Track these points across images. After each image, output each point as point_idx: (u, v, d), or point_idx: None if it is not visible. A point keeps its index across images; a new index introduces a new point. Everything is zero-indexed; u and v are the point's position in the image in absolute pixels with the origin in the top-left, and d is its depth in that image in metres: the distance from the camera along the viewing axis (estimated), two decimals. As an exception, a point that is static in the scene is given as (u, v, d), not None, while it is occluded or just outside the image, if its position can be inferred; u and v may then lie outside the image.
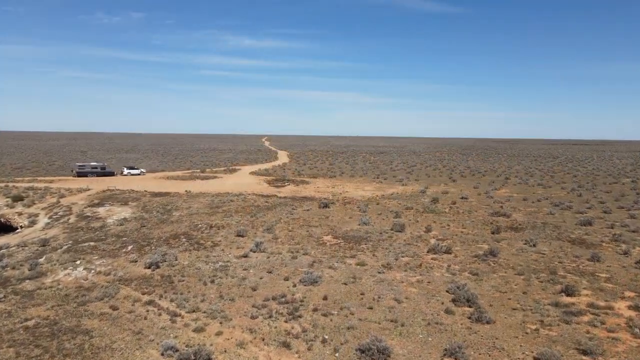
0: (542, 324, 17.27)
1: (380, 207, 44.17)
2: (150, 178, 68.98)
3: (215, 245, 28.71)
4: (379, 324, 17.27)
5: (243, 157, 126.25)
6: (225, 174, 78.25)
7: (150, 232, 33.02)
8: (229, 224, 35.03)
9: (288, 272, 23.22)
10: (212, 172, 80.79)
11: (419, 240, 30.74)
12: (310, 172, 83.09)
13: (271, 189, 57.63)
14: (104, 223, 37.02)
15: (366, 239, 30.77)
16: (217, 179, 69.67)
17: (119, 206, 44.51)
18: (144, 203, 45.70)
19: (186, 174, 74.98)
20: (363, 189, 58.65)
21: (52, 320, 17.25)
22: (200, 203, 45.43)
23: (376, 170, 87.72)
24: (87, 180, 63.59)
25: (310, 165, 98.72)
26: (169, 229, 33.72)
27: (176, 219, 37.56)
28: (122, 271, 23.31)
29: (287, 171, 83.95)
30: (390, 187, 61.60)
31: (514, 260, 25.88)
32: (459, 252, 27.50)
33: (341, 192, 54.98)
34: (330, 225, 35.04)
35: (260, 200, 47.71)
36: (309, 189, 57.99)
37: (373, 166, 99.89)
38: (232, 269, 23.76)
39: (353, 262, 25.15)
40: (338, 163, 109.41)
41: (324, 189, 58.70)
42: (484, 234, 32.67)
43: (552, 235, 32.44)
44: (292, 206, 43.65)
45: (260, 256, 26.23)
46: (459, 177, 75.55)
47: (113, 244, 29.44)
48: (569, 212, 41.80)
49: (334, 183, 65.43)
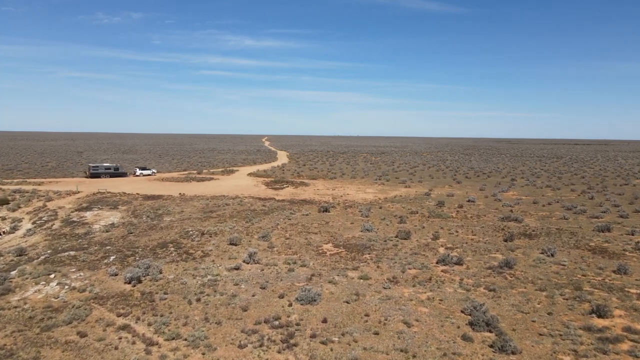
0: (576, 354, 14.93)
1: (383, 211, 41.81)
2: (144, 180, 66.66)
3: (206, 256, 26.38)
4: (386, 354, 14.94)
5: (242, 158, 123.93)
6: (222, 175, 75.93)
7: (137, 239, 30.69)
8: (222, 231, 32.70)
9: (283, 288, 20.89)
10: (209, 173, 78.47)
11: (426, 248, 28.40)
12: (310, 173, 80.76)
13: (269, 192, 55.31)
14: (89, 229, 34.69)
15: (369, 247, 28.43)
16: (213, 180, 67.35)
17: (108, 210, 42.20)
18: (135, 207, 43.38)
19: (182, 176, 72.65)
20: (365, 192, 56.31)
21: (8, 350, 14.93)
22: (193, 207, 43.10)
23: (378, 171, 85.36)
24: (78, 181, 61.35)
25: (309, 166, 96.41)
26: (158, 236, 31.39)
27: (166, 225, 35.24)
28: (99, 287, 20.98)
29: (286, 172, 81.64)
30: (393, 189, 59.26)
31: (532, 273, 23.52)
32: (471, 263, 25.15)
33: (342, 195, 52.64)
34: (330, 232, 32.70)
35: (257, 203, 45.37)
36: (308, 192, 55.66)
37: (374, 167, 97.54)
38: (222, 283, 21.43)
39: (355, 275, 22.82)
40: (338, 164, 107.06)
41: (324, 191, 56.37)
42: (496, 242, 30.31)
43: (569, 243, 30.09)
44: (290, 210, 41.33)
45: (254, 268, 23.90)
46: (464, 179, 73.19)
47: (95, 254, 27.11)
48: (583, 217, 39.43)
49: (335, 185, 63.12)
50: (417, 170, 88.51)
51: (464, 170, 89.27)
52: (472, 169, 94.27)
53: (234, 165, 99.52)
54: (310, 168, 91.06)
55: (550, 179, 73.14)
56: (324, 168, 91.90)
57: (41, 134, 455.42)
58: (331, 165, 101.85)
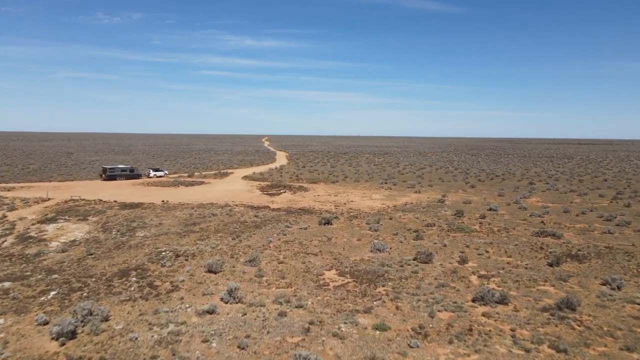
0: None
1: (394, 223, 35.98)
2: (127, 184, 60.85)
3: (174, 290, 20.54)
4: None
5: (238, 159, 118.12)
6: (214, 178, 70.08)
7: (96, 264, 24.86)
8: (202, 252, 26.88)
9: (270, 348, 15.06)
10: (201, 176, 72.63)
11: (455, 277, 22.56)
12: (310, 176, 74.91)
13: (264, 198, 49.46)
14: (43, 248, 28.84)
15: (383, 276, 22.59)
16: (204, 185, 61.52)
17: (75, 222, 36.42)
18: (107, 218, 37.60)
19: (170, 179, 66.77)
20: (371, 198, 50.45)
21: None
22: (174, 218, 37.29)
23: (383, 174, 79.50)
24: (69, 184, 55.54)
25: (309, 168, 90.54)
26: (122, 259, 25.57)
27: (137, 243, 29.41)
28: (13, 346, 15.15)
29: (284, 175, 75.79)
30: (401, 194, 53.40)
31: (603, 317, 17.67)
32: (519, 302, 19.29)
33: (345, 202, 46.78)
34: (333, 253, 26.87)
35: (249, 214, 39.55)
36: (307, 198, 49.81)
37: (379, 169, 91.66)
38: (187, 339, 15.61)
39: (369, 323, 16.99)
40: (340, 165, 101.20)
41: (325, 197, 50.52)
42: (539, 266, 24.47)
43: (629, 267, 24.26)
44: (286, 222, 35.51)
45: (234, 311, 18.07)
46: (477, 182, 67.31)
47: (34, 286, 21.29)
48: (630, 230, 33.57)
49: (337, 190, 57.25)
50: (424, 173, 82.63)
51: (474, 172, 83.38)
52: (483, 170, 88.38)
53: (229, 167, 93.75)
54: (310, 170, 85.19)
55: (571, 182, 67.25)
56: (325, 170, 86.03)
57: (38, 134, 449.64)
58: (332, 167, 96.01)
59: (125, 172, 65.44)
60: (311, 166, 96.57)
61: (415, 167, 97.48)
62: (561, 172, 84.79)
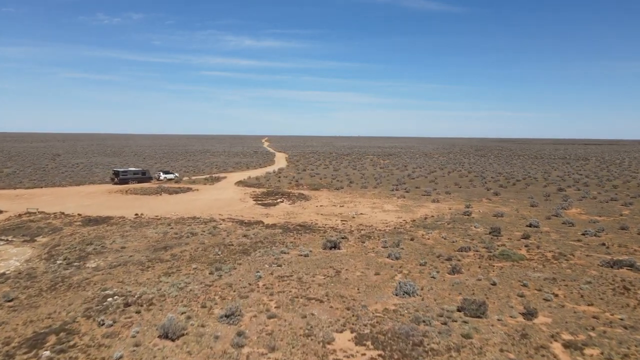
0: None
1: (418, 246, 28.61)
2: (103, 192, 53.49)
3: (101, 378, 13.17)
4: None
5: (234, 162, 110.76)
6: (204, 184, 62.70)
7: (8, 319, 17.48)
8: (164, 297, 19.52)
9: None
10: (189, 181, 65.25)
11: (528, 346, 15.17)
12: (311, 181, 67.54)
13: (257, 210, 42.08)
14: (-45, 288, 21.48)
15: (421, 344, 15.22)
16: (190, 192, 54.16)
17: (18, 245, 29.06)
18: (60, 239, 30.25)
19: (153, 186, 59.39)
20: (383, 209, 43.06)
21: None
22: (143, 239, 29.97)
23: (391, 178, 72.13)
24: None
25: (310, 171, 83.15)
26: (49, 311, 18.19)
27: (82, 280, 22.04)
28: None
29: (282, 180, 68.42)
30: (418, 204, 46.01)
31: None
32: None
33: (354, 215, 39.40)
34: (345, 298, 19.49)
35: (237, 232, 32.22)
36: (308, 210, 42.44)
37: (386, 172, 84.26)
38: None
39: None
40: (343, 168, 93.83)
41: (330, 208, 43.15)
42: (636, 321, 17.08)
43: None
44: (282, 245, 28.19)
45: None
46: (498, 188, 59.91)
47: None
48: None
49: (342, 198, 49.86)
50: (437, 177, 75.20)
51: (491, 176, 75.98)
52: (500, 174, 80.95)
53: (223, 170, 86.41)
54: (312, 174, 77.76)
55: (604, 188, 59.83)
56: (328, 174, 78.62)
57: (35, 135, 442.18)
58: (335, 170, 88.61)
59: (138, 176, 61.55)
60: (312, 169, 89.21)
61: (425, 170, 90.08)
62: (586, 176, 77.32)
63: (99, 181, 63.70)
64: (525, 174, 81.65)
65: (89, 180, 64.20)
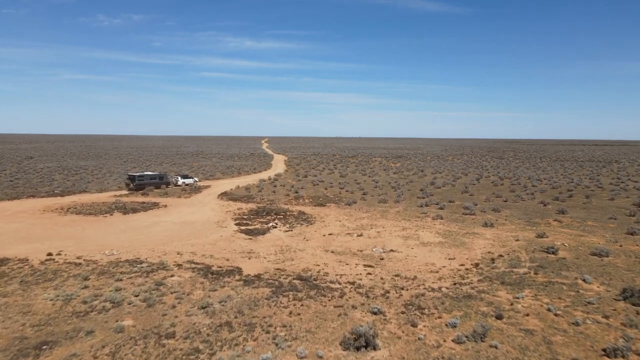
0: None
1: (518, 335, 15.34)
2: (37, 210, 40.17)
3: None
4: None
5: (226, 166, 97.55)
6: (178, 197, 49.48)
7: None
8: None
9: None
10: (161, 192, 52.04)
11: None
12: (315, 191, 54.39)
13: (237, 244, 28.79)
14: None
15: None
16: (155, 209, 40.94)
17: None
18: None
19: (110, 199, 46.02)
20: (420, 239, 29.82)
21: None
22: (20, 318, 16.78)
23: (412, 187, 58.94)
24: None
25: (313, 178, 69.88)
26: None
27: None
28: None
29: (278, 190, 55.22)
30: (465, 229, 32.76)
31: None
32: None
33: (382, 254, 26.13)
34: None
35: (193, 298, 19.00)
36: (313, 242, 29.18)
37: (403, 179, 70.95)
38: None
39: None
40: (351, 173, 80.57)
41: (343, 240, 29.88)
42: None
43: None
44: (265, 336, 14.97)
45: None
46: (556, 202, 46.69)
47: None
48: None
49: (359, 220, 36.61)
50: (466, 185, 61.87)
51: (532, 184, 62.71)
52: (539, 181, 67.66)
53: (210, 175, 73.28)
54: (314, 181, 64.40)
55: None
56: (334, 181, 65.35)
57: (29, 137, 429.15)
58: (342, 176, 75.30)
59: (155, 180, 55.62)
60: (314, 175, 75.94)
61: (447, 175, 76.85)
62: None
63: (49, 192, 50.49)
64: (568, 180, 68.37)
65: (40, 192, 51.00)
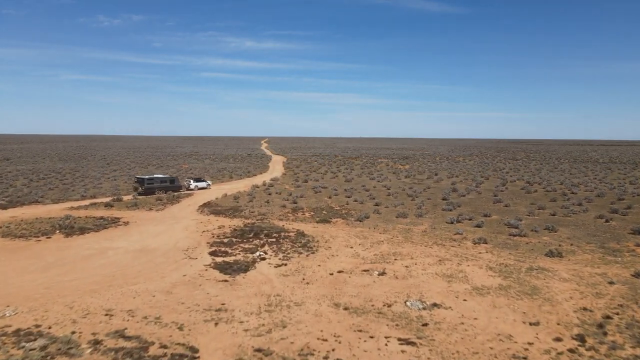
0: None
1: None
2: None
3: None
4: None
5: (217, 168, 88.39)
6: (149, 209, 40.34)
7: None
8: None
9: None
10: (130, 203, 42.85)
11: None
12: (317, 201, 45.26)
13: (203, 291, 19.57)
14: None
15: None
16: (111, 229, 31.77)
17: None
18: None
19: (59, 214, 36.63)
20: (469, 281, 20.67)
21: None
22: None
23: (431, 195, 49.83)
24: None
25: (314, 183, 60.75)
26: None
27: None
28: None
29: (273, 199, 46.08)
30: (525, 261, 23.60)
31: None
32: None
33: (420, 309, 16.97)
34: None
35: None
36: (315, 287, 19.99)
37: (417, 184, 61.76)
38: None
39: None
40: (357, 177, 71.40)
41: (360, 281, 20.69)
42: None
43: None
44: None
45: None
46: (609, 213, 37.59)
47: None
48: None
49: (377, 247, 27.41)
50: (494, 192, 52.63)
51: (570, 191, 53.56)
52: (576, 186, 58.46)
53: (196, 181, 64.06)
54: (316, 188, 55.18)
55: None
56: (338, 187, 56.19)
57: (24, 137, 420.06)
58: (347, 180, 66.10)
59: (165, 184, 51.45)
60: (316, 179, 66.76)
61: (466, 179, 67.73)
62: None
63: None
64: (609, 186, 59.23)
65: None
